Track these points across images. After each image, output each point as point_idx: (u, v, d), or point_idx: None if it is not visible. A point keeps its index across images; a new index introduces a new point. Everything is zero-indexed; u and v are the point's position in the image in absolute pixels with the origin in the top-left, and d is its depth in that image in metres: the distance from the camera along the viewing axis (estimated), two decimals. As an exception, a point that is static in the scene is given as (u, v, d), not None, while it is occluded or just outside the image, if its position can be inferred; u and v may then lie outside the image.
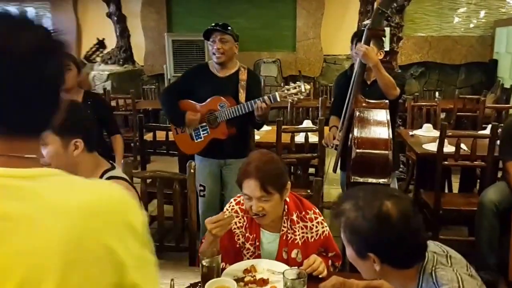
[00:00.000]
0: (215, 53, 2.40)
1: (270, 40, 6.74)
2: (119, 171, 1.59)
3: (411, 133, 3.48)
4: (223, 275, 1.40)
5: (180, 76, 2.68)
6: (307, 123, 3.60)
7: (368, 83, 2.51)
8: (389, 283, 1.14)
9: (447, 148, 2.75)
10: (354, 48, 2.38)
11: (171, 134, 2.87)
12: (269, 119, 2.80)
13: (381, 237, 0.98)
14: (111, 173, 1.52)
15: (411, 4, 4.33)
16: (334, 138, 2.52)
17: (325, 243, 1.58)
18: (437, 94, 5.59)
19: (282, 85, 5.44)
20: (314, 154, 2.94)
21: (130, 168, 1.97)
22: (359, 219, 1.00)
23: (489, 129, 2.76)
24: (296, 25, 6.69)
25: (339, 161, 2.49)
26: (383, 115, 2.24)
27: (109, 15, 6.47)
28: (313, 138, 3.05)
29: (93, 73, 6.15)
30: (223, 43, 2.38)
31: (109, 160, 1.63)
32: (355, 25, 4.94)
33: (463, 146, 2.80)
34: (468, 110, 4.54)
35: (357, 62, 2.36)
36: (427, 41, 6.52)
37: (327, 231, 1.58)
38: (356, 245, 1.03)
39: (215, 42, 2.39)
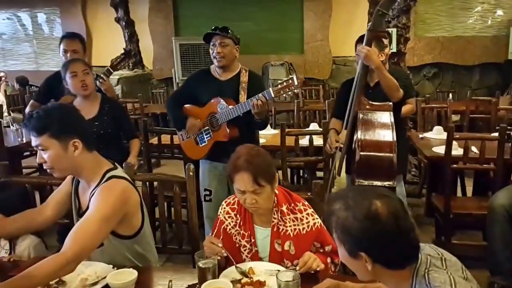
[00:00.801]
0: (216, 57, 2.42)
1: (278, 42, 6.70)
2: (121, 171, 1.60)
3: (421, 135, 3.42)
4: (221, 277, 1.41)
5: (183, 82, 2.71)
6: (314, 126, 3.57)
7: (371, 85, 2.49)
8: (383, 283, 1.14)
9: (457, 151, 2.69)
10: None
11: (176, 137, 2.90)
12: (276, 123, 2.77)
13: (371, 236, 0.99)
14: (113, 173, 1.54)
15: (421, 4, 4.25)
16: (336, 141, 2.48)
17: (318, 236, 1.57)
18: (450, 95, 5.47)
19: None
20: (320, 157, 2.91)
21: (131, 170, 1.98)
22: (349, 219, 1.01)
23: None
24: (303, 27, 6.64)
25: (343, 164, 2.45)
26: (386, 117, 2.21)
27: (117, 20, 6.54)
28: (318, 141, 3.01)
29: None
30: (223, 46, 2.39)
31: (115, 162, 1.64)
32: (364, 26, 4.86)
33: (474, 149, 2.74)
34: (481, 112, 4.43)
35: (359, 64, 2.35)
36: (439, 42, 6.38)
37: (319, 223, 1.58)
38: (347, 245, 1.04)
39: (215, 45, 2.41)
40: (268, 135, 3.48)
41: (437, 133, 3.37)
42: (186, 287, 1.40)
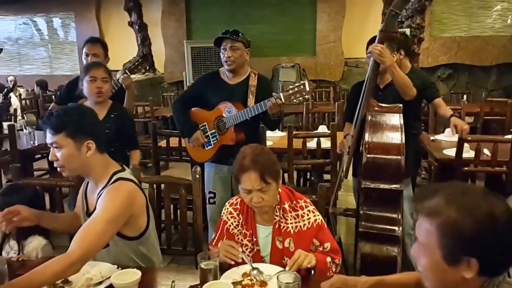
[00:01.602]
0: (226, 61, 2.42)
1: (290, 44, 6.69)
2: (128, 173, 1.62)
3: (432, 138, 3.36)
4: (222, 278, 1.41)
5: (191, 84, 2.69)
6: (323, 128, 3.53)
7: (381, 87, 2.46)
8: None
9: (468, 153, 2.63)
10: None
11: (183, 140, 2.90)
12: (284, 125, 2.76)
13: (488, 240, 0.90)
14: (120, 175, 1.57)
15: (438, 4, 4.17)
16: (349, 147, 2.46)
17: (318, 233, 1.57)
18: (465, 97, 5.36)
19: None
20: (327, 160, 2.89)
21: (137, 172, 1.99)
22: (464, 220, 0.91)
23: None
24: (316, 28, 6.62)
25: (350, 167, 2.43)
26: (396, 119, 2.16)
27: (130, 24, 6.63)
28: (326, 143, 2.99)
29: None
30: (233, 50, 2.39)
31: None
32: (378, 26, 4.80)
33: (486, 151, 2.68)
34: (496, 113, 4.33)
35: (370, 66, 2.32)
36: (455, 42, 6.24)
37: (319, 220, 1.59)
38: (449, 249, 0.93)
39: (226, 49, 2.41)
40: (275, 137, 3.47)
41: (449, 136, 3.30)
42: (188, 287, 1.41)
